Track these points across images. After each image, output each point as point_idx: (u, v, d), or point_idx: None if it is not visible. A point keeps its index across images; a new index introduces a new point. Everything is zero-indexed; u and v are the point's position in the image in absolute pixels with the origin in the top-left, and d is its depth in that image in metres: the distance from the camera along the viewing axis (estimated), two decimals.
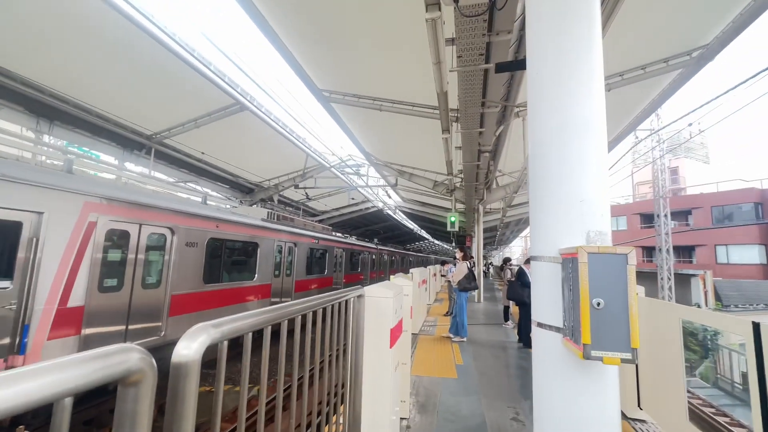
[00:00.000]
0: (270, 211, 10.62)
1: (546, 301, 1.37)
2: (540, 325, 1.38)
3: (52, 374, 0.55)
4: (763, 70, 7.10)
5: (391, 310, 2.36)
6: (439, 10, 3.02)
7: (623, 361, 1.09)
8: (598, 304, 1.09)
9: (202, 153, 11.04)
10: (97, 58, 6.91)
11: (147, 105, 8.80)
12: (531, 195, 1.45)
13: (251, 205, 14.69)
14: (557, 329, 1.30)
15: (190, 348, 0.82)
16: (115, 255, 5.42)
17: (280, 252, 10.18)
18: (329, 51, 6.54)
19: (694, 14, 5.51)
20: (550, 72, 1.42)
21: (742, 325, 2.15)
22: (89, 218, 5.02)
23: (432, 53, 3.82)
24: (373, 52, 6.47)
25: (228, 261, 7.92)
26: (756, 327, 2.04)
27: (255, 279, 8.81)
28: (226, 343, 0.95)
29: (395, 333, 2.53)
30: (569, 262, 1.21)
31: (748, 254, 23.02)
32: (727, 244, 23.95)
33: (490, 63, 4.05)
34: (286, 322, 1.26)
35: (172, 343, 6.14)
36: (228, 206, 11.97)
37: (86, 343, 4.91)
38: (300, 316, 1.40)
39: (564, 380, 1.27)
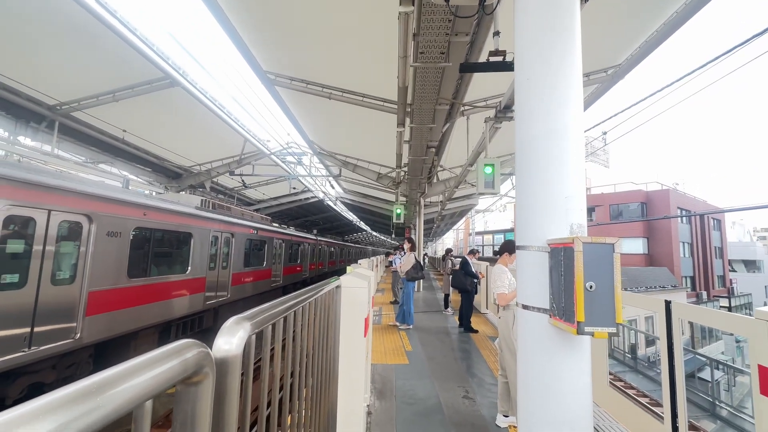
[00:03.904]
0: (204, 198, 9.80)
1: (532, 286, 1.54)
2: (525, 307, 1.54)
3: (130, 379, 0.49)
4: (653, 93, 8.46)
5: (365, 300, 2.39)
6: (413, 4, 3.06)
7: (610, 334, 1.28)
8: (591, 286, 1.27)
9: (124, 131, 9.72)
10: None
11: (50, 69, 7.45)
12: (518, 191, 1.60)
13: (179, 192, 13.37)
14: (544, 310, 1.47)
15: (230, 343, 0.77)
16: (15, 246, 4.56)
17: (215, 243, 9.48)
18: (278, 32, 6.19)
19: (611, 37, 6.32)
20: (536, 79, 1.56)
21: (657, 303, 2.61)
22: None
23: (400, 47, 3.85)
24: (325, 38, 6.28)
25: (157, 253, 7.15)
26: (667, 304, 2.49)
27: (188, 272, 8.10)
28: (254, 336, 0.90)
29: (367, 322, 2.57)
30: (560, 251, 1.37)
31: (635, 245, 27.43)
32: (620, 237, 28.21)
33: (449, 62, 4.21)
34: (301, 309, 1.22)
35: (90, 346, 5.46)
36: (148, 192, 10.75)
37: None
38: (301, 307, 1.37)
39: (548, 354, 1.45)
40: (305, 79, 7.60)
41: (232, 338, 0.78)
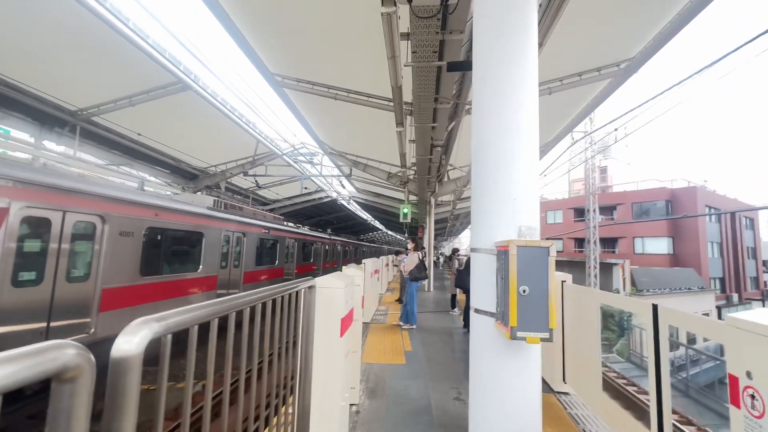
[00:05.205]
0: (216, 199, 10.08)
1: (482, 289, 1.51)
2: (477, 310, 1.52)
3: None
4: (672, 87, 8.13)
5: (341, 300, 2.40)
6: (395, 5, 3.05)
7: (542, 340, 1.25)
8: (524, 291, 1.24)
9: (138, 134, 10.11)
10: (7, 19, 6.00)
11: (70, 77, 7.84)
12: (472, 192, 1.58)
13: (195, 192, 13.81)
14: (491, 314, 1.44)
15: (131, 342, 0.80)
16: (32, 245, 4.83)
17: (227, 242, 9.73)
18: (284, 34, 6.29)
19: (622, 29, 6.09)
20: (491, 80, 1.53)
21: (644, 307, 2.51)
22: None
23: (387, 48, 3.85)
24: (329, 39, 6.34)
25: (169, 252, 7.41)
26: (654, 308, 2.39)
27: (199, 270, 8.36)
28: (170, 337, 0.94)
29: (346, 322, 2.58)
30: (503, 254, 1.35)
31: (659, 245, 26.34)
32: (643, 236, 27.19)
33: (443, 60, 4.18)
34: (234, 314, 1.25)
35: (105, 341, 5.76)
36: (168, 193, 11.14)
37: None
38: (249, 308, 1.40)
39: (495, 359, 1.43)
40: (311, 81, 7.69)
41: (133, 338, 0.81)
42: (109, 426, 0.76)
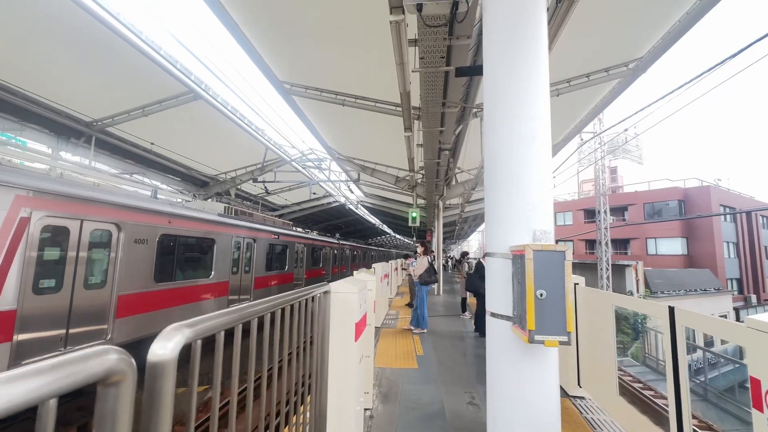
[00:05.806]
0: (227, 205, 10.22)
1: (498, 293, 1.53)
2: (493, 314, 1.54)
3: (35, 378, 0.56)
4: (683, 86, 8.04)
5: (356, 305, 2.43)
6: (403, 13, 3.10)
7: (561, 343, 1.26)
8: (541, 294, 1.25)
9: (152, 144, 10.33)
10: (24, 32, 6.21)
11: (85, 89, 8.06)
12: (486, 197, 1.60)
13: (206, 200, 14.02)
14: (508, 318, 1.46)
15: (165, 348, 0.84)
16: (52, 253, 4.97)
17: (238, 248, 9.85)
18: (291, 42, 6.40)
19: (630, 30, 6.07)
20: (503, 87, 1.56)
21: (660, 309, 2.48)
22: (21, 213, 4.56)
23: (395, 54, 3.90)
24: (336, 46, 6.43)
25: (182, 258, 7.53)
26: (671, 310, 2.37)
27: (211, 276, 8.47)
28: (200, 342, 0.97)
29: (360, 327, 2.61)
30: (518, 258, 1.36)
31: (673, 246, 25.86)
32: (656, 237, 26.73)
33: (451, 66, 4.21)
34: (256, 319, 1.29)
35: (121, 347, 5.84)
36: (180, 200, 11.34)
37: (19, 350, 4.49)
38: (269, 314, 1.44)
39: (513, 363, 1.44)
40: (319, 87, 7.78)
41: (167, 343, 0.85)
42: (148, 426, 0.79)
